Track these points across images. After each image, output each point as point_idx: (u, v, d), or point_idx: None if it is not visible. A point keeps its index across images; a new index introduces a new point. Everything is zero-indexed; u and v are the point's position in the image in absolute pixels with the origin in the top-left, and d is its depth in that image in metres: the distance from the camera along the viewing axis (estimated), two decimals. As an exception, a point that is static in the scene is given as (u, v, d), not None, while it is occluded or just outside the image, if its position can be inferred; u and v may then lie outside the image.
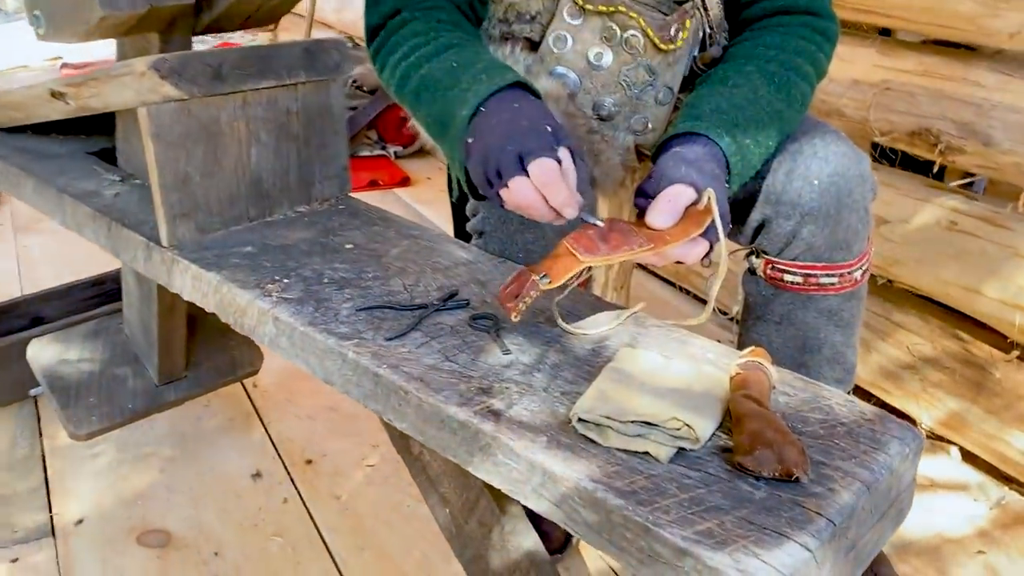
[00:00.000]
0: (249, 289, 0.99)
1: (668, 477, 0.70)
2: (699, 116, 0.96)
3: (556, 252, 0.87)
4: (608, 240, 0.85)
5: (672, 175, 0.87)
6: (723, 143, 0.93)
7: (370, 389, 0.86)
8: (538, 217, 0.88)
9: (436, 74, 1.00)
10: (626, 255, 0.84)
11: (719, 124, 0.94)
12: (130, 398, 1.47)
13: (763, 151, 0.98)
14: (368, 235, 1.14)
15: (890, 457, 0.74)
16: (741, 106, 0.97)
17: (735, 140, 0.94)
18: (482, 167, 0.90)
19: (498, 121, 0.90)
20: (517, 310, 0.85)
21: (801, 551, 0.63)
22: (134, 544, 1.34)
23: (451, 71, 0.99)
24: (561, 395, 0.81)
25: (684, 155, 0.90)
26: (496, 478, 0.77)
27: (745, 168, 0.96)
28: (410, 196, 2.86)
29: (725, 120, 0.95)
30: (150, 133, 1.04)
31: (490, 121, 0.91)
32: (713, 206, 0.85)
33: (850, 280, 1.08)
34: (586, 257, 0.83)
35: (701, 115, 0.96)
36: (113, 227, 1.18)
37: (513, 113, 0.91)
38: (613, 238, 0.85)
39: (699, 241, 0.85)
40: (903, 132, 1.53)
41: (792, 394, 0.82)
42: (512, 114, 0.91)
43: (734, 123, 0.95)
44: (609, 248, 0.84)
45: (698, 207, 0.86)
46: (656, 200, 0.86)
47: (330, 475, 1.51)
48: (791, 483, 0.69)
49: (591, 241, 0.85)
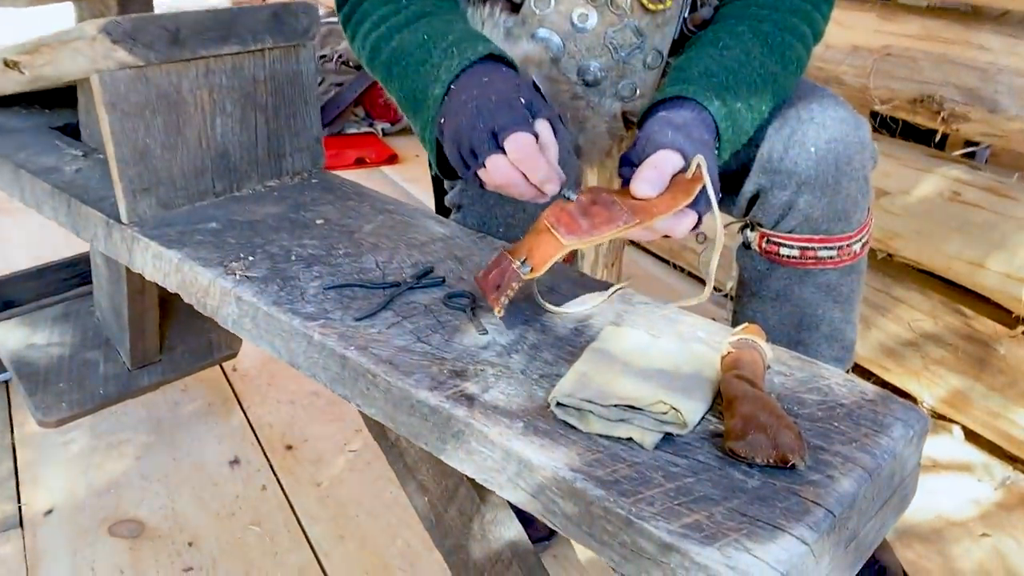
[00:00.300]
0: (212, 267, 0.93)
1: (653, 465, 0.64)
2: (687, 79, 0.90)
3: (536, 228, 0.81)
4: (590, 215, 0.79)
5: (658, 140, 0.81)
6: (712, 107, 0.87)
7: (337, 372, 0.80)
8: (519, 195, 0.83)
9: (407, 47, 0.95)
10: (611, 233, 0.77)
11: (708, 87, 0.88)
12: (101, 383, 1.42)
13: (756, 116, 0.92)
14: (341, 210, 1.08)
15: (893, 441, 0.69)
16: (732, 68, 0.91)
17: (725, 104, 0.88)
18: (456, 148, 0.85)
19: (468, 98, 0.85)
20: (500, 304, 0.79)
21: (797, 545, 0.58)
22: (105, 535, 1.29)
23: (422, 44, 0.94)
24: (540, 378, 0.75)
25: (671, 120, 0.84)
26: (470, 467, 0.71)
27: (736, 134, 0.90)
28: (397, 174, 2.80)
29: (715, 83, 0.89)
30: (104, 102, 0.98)
31: (460, 98, 0.86)
32: (703, 173, 0.79)
33: (849, 253, 1.02)
34: (569, 239, 0.77)
35: (689, 78, 0.90)
36: (72, 204, 1.12)
37: (483, 88, 0.85)
38: (596, 212, 0.79)
39: (687, 212, 0.79)
40: (904, 100, 1.47)
41: (788, 374, 0.76)
42: (482, 89, 0.85)
43: (724, 86, 0.89)
44: (592, 225, 0.78)
45: (686, 175, 0.80)
46: (641, 167, 0.80)
47: (311, 462, 1.45)
48: (787, 470, 0.64)
49: (572, 218, 0.78)
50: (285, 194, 1.12)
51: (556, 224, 0.78)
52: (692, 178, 0.79)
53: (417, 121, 0.95)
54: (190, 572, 1.23)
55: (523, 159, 0.80)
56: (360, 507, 1.35)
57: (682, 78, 0.90)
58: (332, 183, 1.16)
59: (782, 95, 0.96)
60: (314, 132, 1.18)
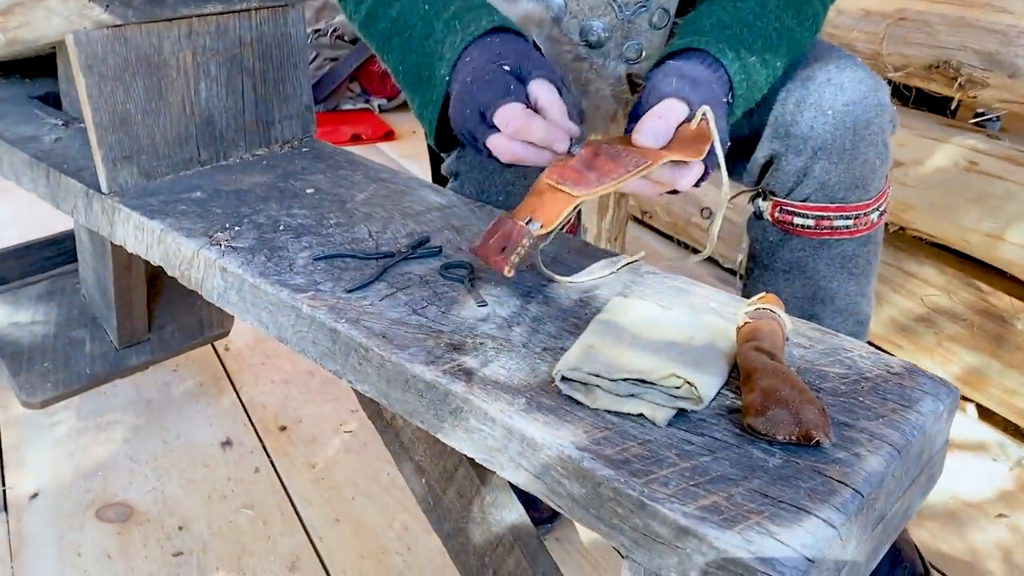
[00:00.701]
0: (196, 238, 0.88)
1: (666, 443, 0.60)
2: (699, 31, 0.84)
3: (536, 190, 0.76)
4: (595, 167, 0.73)
5: (662, 89, 0.76)
6: (726, 60, 0.82)
7: (327, 347, 0.76)
8: (534, 163, 0.78)
9: (408, 18, 0.90)
10: (622, 180, 0.72)
11: (721, 39, 0.83)
12: (88, 363, 1.37)
13: (770, 73, 0.87)
14: (333, 179, 1.02)
15: (922, 416, 0.64)
16: (747, 21, 0.86)
17: (739, 57, 0.83)
18: (461, 136, 0.83)
19: (460, 83, 0.82)
20: (511, 264, 0.73)
21: (824, 528, 0.53)
22: (93, 518, 1.25)
23: (424, 16, 0.89)
24: (543, 351, 0.70)
25: (679, 69, 0.79)
26: (469, 446, 0.67)
27: (750, 90, 0.85)
28: (394, 150, 2.74)
29: (728, 35, 0.83)
30: (81, 64, 0.92)
31: (455, 86, 0.83)
32: (710, 125, 0.73)
33: (866, 222, 0.97)
34: (579, 191, 0.72)
35: (701, 30, 0.84)
36: (51, 174, 1.06)
37: (469, 71, 0.82)
38: (601, 164, 0.74)
39: (694, 163, 0.74)
40: (919, 66, 1.41)
41: (808, 346, 0.72)
42: (468, 71, 0.82)
43: (738, 39, 0.83)
44: (599, 176, 0.72)
45: (690, 126, 0.75)
46: (644, 117, 0.75)
47: (305, 442, 1.41)
48: (810, 448, 0.59)
49: (576, 172, 0.73)
50: (274, 163, 1.07)
51: (561, 180, 0.73)
52: (699, 130, 0.74)
53: (416, 97, 0.91)
54: (180, 557, 1.18)
55: (517, 129, 0.76)
56: (356, 489, 1.31)
57: (693, 30, 0.85)
58: (323, 152, 1.11)
59: (798, 52, 0.91)
60: (304, 99, 1.13)
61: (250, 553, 1.19)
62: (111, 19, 0.91)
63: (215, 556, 1.19)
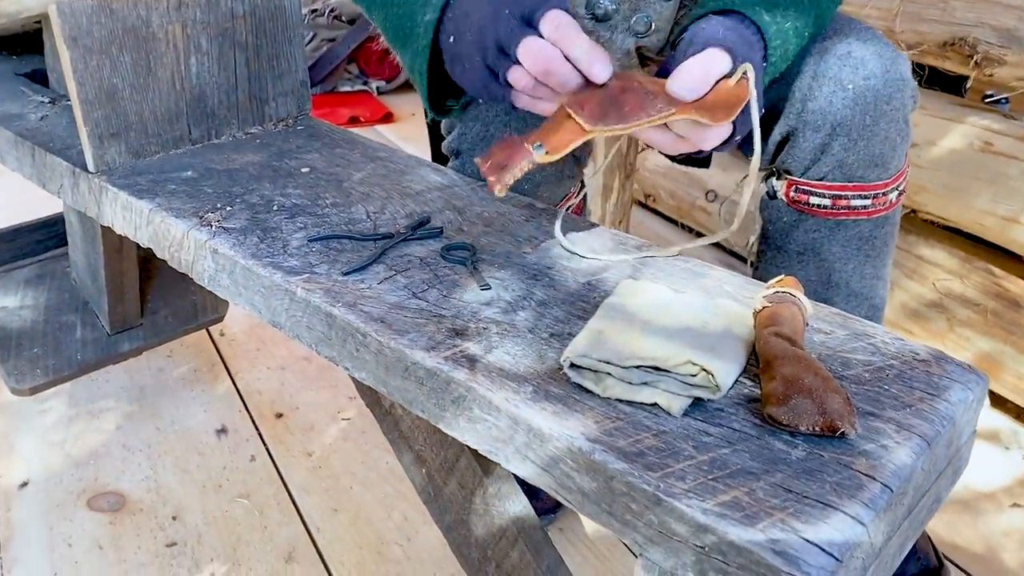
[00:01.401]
0: (186, 218, 0.84)
1: (682, 434, 0.56)
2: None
3: (554, 117, 0.71)
4: (619, 103, 0.68)
5: (707, 35, 0.71)
6: (762, 22, 0.77)
7: (323, 332, 0.72)
8: (561, 86, 0.72)
9: None
10: (640, 124, 0.67)
11: (756, 2, 0.78)
12: (79, 348, 1.34)
13: (799, 42, 0.82)
14: (329, 158, 0.99)
15: (951, 405, 0.61)
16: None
17: (775, 21, 0.78)
18: (480, 56, 0.75)
19: (476, 5, 0.76)
20: (503, 183, 0.68)
21: (852, 525, 0.50)
22: (84, 508, 1.21)
23: None
24: (550, 337, 0.67)
25: (722, 22, 0.74)
26: (472, 437, 0.63)
27: (782, 57, 0.80)
28: (393, 133, 2.69)
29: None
30: (65, 37, 0.88)
31: (465, 9, 0.76)
32: (750, 84, 0.69)
33: (884, 202, 0.93)
34: (592, 125, 0.67)
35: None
36: (37, 153, 1.02)
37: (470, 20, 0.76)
38: (626, 100, 0.68)
39: (722, 124, 0.70)
40: (934, 44, 1.37)
41: (829, 331, 0.68)
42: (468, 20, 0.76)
43: (774, 2, 0.79)
44: (619, 115, 0.68)
45: (729, 82, 0.71)
46: (684, 64, 0.69)
47: (302, 430, 1.38)
48: (835, 439, 0.56)
49: (598, 106, 0.68)
50: (268, 141, 1.03)
51: (579, 111, 0.68)
52: (735, 89, 0.70)
53: (407, 52, 0.86)
54: (173, 547, 1.15)
55: (562, 36, 0.70)
56: (354, 478, 1.27)
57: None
58: (319, 130, 1.07)
59: (822, 23, 0.87)
60: (299, 75, 1.08)
61: (246, 544, 1.16)
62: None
63: (209, 547, 1.15)
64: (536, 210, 0.87)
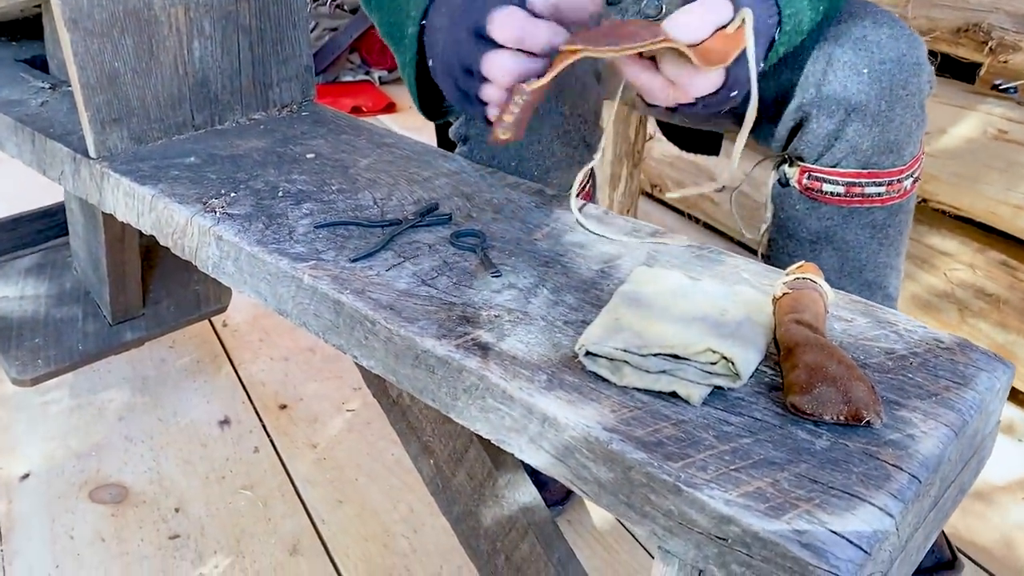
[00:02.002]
0: (189, 204, 0.83)
1: (703, 424, 0.55)
2: None
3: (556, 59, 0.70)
4: (613, 35, 0.68)
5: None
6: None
7: (330, 320, 0.70)
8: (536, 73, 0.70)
9: None
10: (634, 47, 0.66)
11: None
12: (80, 339, 1.32)
13: (814, 16, 0.80)
14: (334, 144, 0.97)
15: (979, 394, 0.59)
16: None
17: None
18: (452, 82, 0.75)
19: (440, 27, 0.75)
20: (504, 127, 0.68)
21: (880, 517, 0.48)
22: (86, 500, 1.20)
23: None
24: (564, 324, 0.65)
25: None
26: (484, 426, 0.62)
27: (795, 29, 0.78)
28: (395, 123, 2.68)
29: None
30: (65, 19, 0.86)
31: (434, 32, 0.76)
32: (747, 30, 0.67)
33: (899, 190, 0.92)
34: (581, 46, 0.67)
35: None
36: (37, 139, 1.01)
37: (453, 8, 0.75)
38: (620, 33, 0.68)
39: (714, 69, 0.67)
40: (947, 30, 1.35)
41: (849, 319, 0.66)
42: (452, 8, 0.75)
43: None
44: (610, 41, 0.67)
45: (727, 30, 0.69)
46: (683, 7, 0.67)
47: (306, 422, 1.36)
48: (860, 429, 0.54)
49: (593, 36, 0.68)
50: (272, 127, 1.01)
51: (572, 41, 0.68)
52: (733, 36, 0.68)
53: (399, 58, 0.85)
54: (176, 540, 1.14)
55: (517, 36, 0.68)
56: (359, 470, 1.26)
57: None
58: (324, 116, 1.05)
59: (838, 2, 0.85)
60: (303, 60, 1.07)
61: (249, 536, 1.15)
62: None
63: (213, 539, 1.14)
64: (546, 196, 0.85)
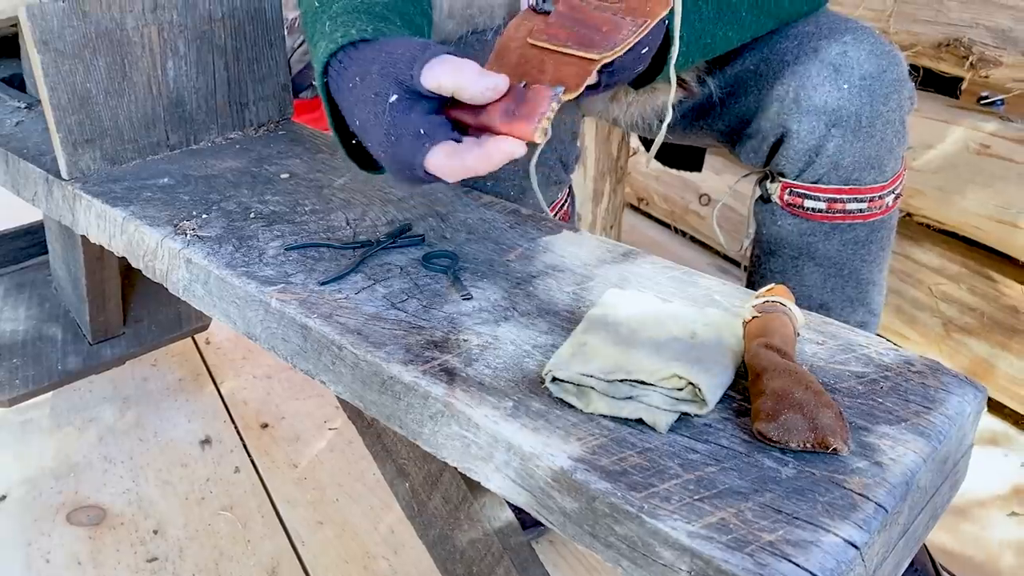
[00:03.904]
0: (160, 227, 0.82)
1: (668, 452, 0.54)
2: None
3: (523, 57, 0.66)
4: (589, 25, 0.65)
5: None
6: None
7: (298, 345, 0.70)
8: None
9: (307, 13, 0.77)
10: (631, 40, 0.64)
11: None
12: (60, 358, 1.31)
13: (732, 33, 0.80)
14: (310, 164, 0.96)
15: (948, 419, 0.58)
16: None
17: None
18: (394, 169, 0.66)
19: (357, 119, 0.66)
20: (542, 127, 0.60)
21: (845, 549, 0.48)
22: (63, 522, 1.19)
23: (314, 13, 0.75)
24: (533, 348, 0.64)
25: None
26: (451, 453, 0.61)
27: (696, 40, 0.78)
28: (385, 137, 2.67)
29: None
30: (35, 40, 0.86)
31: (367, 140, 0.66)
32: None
33: (881, 206, 0.91)
34: (600, 53, 0.63)
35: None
36: (10, 160, 1.00)
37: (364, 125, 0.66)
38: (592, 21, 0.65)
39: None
40: (928, 45, 1.35)
41: (821, 342, 0.66)
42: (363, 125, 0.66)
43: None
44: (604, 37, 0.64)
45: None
46: None
47: (288, 441, 1.35)
48: (827, 456, 0.54)
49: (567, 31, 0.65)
50: (248, 146, 1.01)
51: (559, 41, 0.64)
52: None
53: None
54: (155, 563, 1.13)
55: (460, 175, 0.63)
56: (340, 490, 1.25)
57: None
58: (301, 134, 1.05)
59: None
60: (280, 79, 1.06)
61: (228, 558, 1.13)
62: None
63: (192, 561, 1.13)
64: (521, 217, 0.85)
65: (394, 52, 0.64)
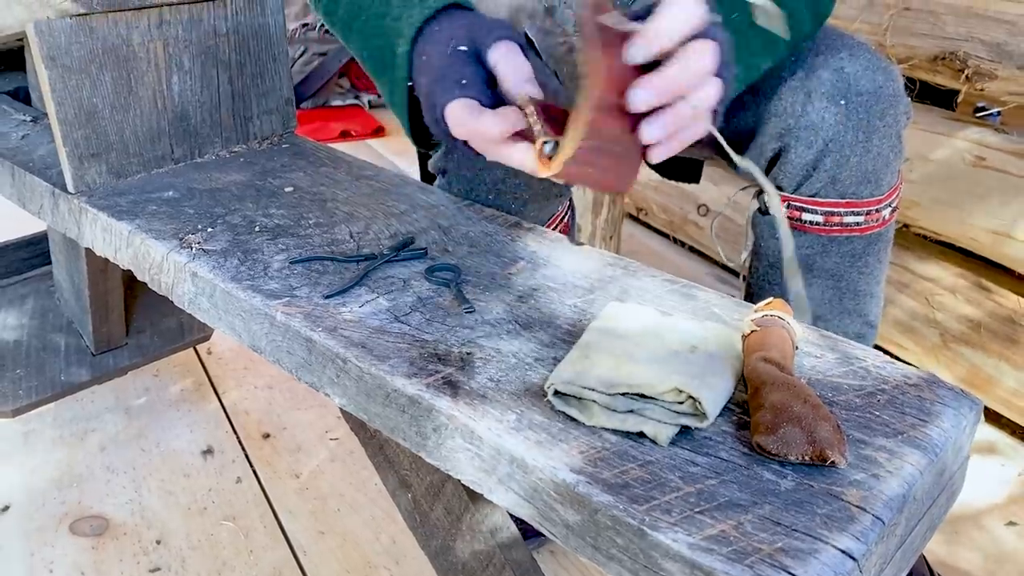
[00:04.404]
0: (166, 240, 0.83)
1: (669, 465, 0.55)
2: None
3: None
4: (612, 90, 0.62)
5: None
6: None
7: (303, 358, 0.71)
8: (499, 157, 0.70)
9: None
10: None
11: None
12: (63, 369, 1.32)
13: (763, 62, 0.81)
14: (314, 177, 0.97)
15: (944, 432, 0.59)
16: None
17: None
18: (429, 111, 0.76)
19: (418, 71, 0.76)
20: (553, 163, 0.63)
21: (843, 560, 0.49)
22: (66, 533, 1.19)
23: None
24: (535, 361, 0.65)
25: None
26: (453, 466, 0.62)
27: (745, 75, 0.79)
28: (384, 147, 2.69)
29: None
30: (43, 56, 0.87)
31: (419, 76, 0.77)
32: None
33: (877, 219, 0.92)
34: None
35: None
36: (16, 173, 1.01)
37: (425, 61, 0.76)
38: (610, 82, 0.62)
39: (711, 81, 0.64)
40: (924, 58, 1.36)
41: (818, 355, 0.67)
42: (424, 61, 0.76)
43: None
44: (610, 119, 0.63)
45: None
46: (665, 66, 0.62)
47: (290, 451, 1.36)
48: (825, 469, 0.54)
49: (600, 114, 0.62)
50: (252, 160, 1.02)
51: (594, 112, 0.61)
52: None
53: (384, 83, 0.84)
54: (157, 573, 1.13)
55: (463, 134, 0.71)
56: (342, 500, 1.26)
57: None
58: (304, 148, 1.06)
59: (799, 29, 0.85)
60: (284, 93, 1.07)
61: (231, 568, 1.14)
62: (75, 8, 0.86)
63: (194, 571, 1.13)
64: (523, 229, 0.86)
65: (484, 21, 0.75)
